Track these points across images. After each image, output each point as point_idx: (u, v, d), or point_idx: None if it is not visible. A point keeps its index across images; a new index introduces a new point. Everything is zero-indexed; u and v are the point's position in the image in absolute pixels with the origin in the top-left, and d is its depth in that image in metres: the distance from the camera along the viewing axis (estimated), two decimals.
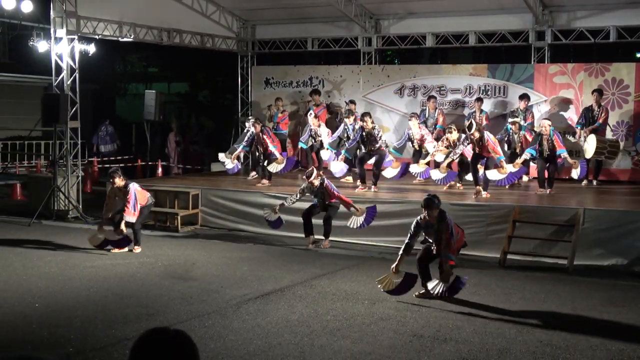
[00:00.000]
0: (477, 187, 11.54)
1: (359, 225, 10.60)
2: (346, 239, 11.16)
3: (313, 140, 14.09)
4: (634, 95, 13.51)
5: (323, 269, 9.40)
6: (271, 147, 13.07)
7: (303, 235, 10.99)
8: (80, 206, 13.46)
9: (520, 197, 11.86)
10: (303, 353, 6.16)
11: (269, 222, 11.10)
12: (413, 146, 13.36)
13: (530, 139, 12.30)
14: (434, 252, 8.04)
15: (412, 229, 8.05)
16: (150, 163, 18.46)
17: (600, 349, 6.38)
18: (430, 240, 8.10)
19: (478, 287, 8.51)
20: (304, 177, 10.85)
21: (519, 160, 11.81)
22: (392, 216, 10.95)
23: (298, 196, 10.81)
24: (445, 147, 12.25)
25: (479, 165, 11.59)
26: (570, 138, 13.39)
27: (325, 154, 13.62)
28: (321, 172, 11.08)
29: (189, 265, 9.62)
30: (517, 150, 12.51)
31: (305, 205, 10.93)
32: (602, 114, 12.98)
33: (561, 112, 14.01)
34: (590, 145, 12.55)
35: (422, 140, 13.10)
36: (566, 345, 6.45)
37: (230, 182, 13.75)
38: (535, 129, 12.96)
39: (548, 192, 11.81)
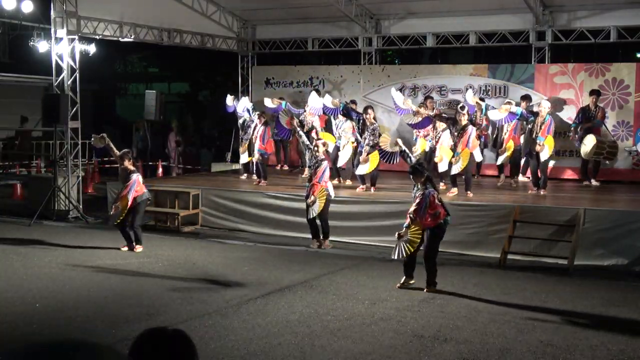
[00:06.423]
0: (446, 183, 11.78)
1: None
2: (346, 239, 11.16)
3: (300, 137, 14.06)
4: (634, 95, 13.51)
5: (323, 269, 9.40)
6: (262, 144, 13.15)
7: (303, 235, 11.02)
8: (81, 206, 13.46)
9: (520, 197, 11.85)
10: (303, 353, 6.16)
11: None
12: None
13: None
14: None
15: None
16: (150, 163, 18.47)
17: (600, 349, 6.38)
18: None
19: (478, 287, 8.52)
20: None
21: (506, 106, 11.98)
22: (392, 216, 10.92)
23: (305, 141, 11.26)
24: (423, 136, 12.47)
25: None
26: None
27: None
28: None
29: (189, 265, 9.62)
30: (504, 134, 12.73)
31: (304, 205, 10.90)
32: (599, 113, 13.00)
33: (561, 112, 13.99)
34: (588, 146, 12.54)
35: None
36: (566, 345, 6.45)
37: (230, 182, 13.75)
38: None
39: (541, 192, 11.71)
